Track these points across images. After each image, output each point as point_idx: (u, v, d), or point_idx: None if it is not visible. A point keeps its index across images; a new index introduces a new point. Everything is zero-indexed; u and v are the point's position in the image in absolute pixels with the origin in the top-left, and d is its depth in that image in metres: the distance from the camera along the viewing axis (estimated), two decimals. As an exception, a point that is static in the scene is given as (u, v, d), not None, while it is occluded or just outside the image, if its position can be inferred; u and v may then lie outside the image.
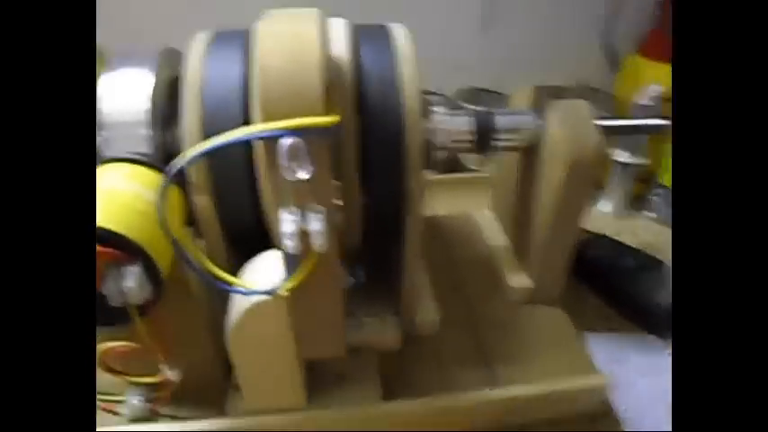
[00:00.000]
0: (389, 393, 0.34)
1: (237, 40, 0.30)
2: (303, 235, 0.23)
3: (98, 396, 0.31)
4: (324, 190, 0.22)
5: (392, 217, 0.33)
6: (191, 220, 0.31)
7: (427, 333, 0.38)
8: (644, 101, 0.50)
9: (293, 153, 0.20)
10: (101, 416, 0.31)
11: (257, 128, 0.21)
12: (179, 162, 0.22)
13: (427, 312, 0.38)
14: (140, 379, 0.31)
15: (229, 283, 0.27)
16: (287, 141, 0.20)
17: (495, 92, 0.66)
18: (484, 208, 0.49)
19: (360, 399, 0.33)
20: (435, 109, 0.36)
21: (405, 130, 0.30)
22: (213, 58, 0.29)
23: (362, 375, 0.34)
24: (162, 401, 0.33)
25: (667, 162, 0.54)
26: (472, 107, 0.37)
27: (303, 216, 0.23)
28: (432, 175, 0.59)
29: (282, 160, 0.21)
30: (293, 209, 0.23)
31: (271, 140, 0.21)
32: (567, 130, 0.34)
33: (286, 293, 0.26)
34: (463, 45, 0.69)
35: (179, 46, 0.31)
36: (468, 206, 0.51)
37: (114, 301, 0.23)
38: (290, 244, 0.23)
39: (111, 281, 0.23)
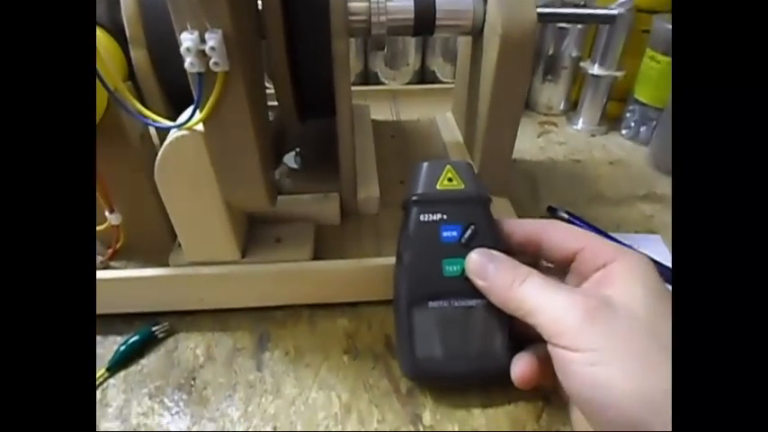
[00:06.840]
0: (323, 258, 0.36)
1: None
2: (202, 55, 0.25)
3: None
4: (217, 7, 0.24)
5: (322, 85, 0.34)
6: (131, 75, 0.33)
7: (367, 211, 0.40)
8: (615, 7, 0.49)
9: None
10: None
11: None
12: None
13: (368, 190, 0.40)
14: (89, 228, 0.34)
15: (153, 120, 0.29)
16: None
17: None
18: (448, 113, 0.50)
19: (291, 259, 0.35)
20: (375, -12, 0.37)
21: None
22: None
23: (298, 241, 0.36)
24: (112, 254, 0.36)
25: (643, 75, 0.53)
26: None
27: (201, 37, 0.24)
28: (401, 85, 0.60)
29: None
30: (191, 30, 0.24)
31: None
32: (502, 6, 0.34)
33: (200, 126, 0.28)
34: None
35: None
36: (435, 114, 0.51)
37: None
38: (188, 61, 0.24)
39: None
